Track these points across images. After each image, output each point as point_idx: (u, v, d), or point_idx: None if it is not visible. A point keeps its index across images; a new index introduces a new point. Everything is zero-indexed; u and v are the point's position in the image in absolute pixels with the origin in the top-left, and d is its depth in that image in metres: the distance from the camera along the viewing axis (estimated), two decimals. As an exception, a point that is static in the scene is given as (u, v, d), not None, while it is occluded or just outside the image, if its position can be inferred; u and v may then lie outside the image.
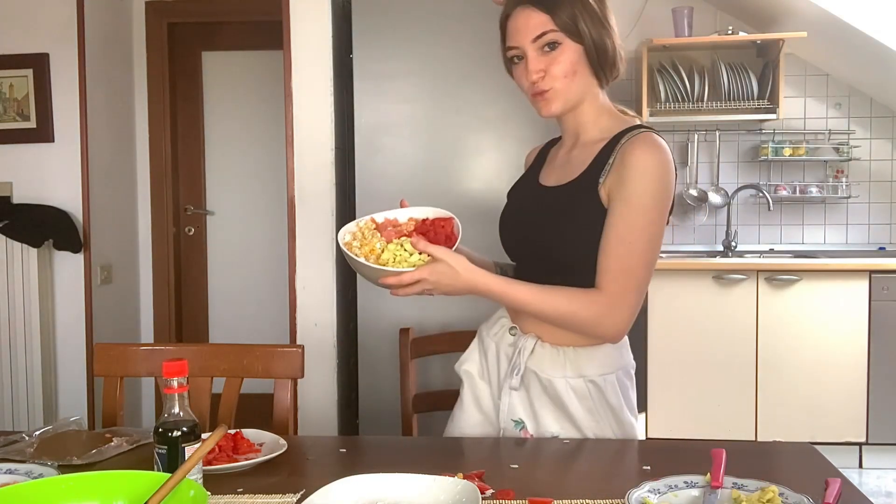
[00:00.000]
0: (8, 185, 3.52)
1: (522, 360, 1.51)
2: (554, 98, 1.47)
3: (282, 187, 3.15)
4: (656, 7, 4.09)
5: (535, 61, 1.44)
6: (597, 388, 1.49)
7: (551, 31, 1.43)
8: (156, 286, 4.18)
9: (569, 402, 1.49)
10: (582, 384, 1.49)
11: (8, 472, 1.26)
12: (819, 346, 3.57)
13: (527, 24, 1.44)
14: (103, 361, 1.75)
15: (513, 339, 1.56)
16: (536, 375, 1.51)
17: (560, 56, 1.44)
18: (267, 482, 1.27)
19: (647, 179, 1.40)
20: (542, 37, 1.43)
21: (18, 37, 3.49)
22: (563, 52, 1.44)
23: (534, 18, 1.44)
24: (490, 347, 1.60)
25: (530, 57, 1.45)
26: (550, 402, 1.51)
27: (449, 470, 1.23)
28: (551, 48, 1.44)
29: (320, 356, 2.91)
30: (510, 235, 1.61)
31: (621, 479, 1.20)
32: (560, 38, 1.43)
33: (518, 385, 1.52)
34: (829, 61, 4.05)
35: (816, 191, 4.10)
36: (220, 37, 4.35)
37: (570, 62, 1.45)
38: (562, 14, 1.43)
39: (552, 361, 1.50)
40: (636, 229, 1.39)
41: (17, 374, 3.43)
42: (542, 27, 1.43)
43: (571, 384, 1.49)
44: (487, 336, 1.62)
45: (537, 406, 1.51)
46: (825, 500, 1.09)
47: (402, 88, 2.89)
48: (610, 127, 1.51)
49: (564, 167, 1.54)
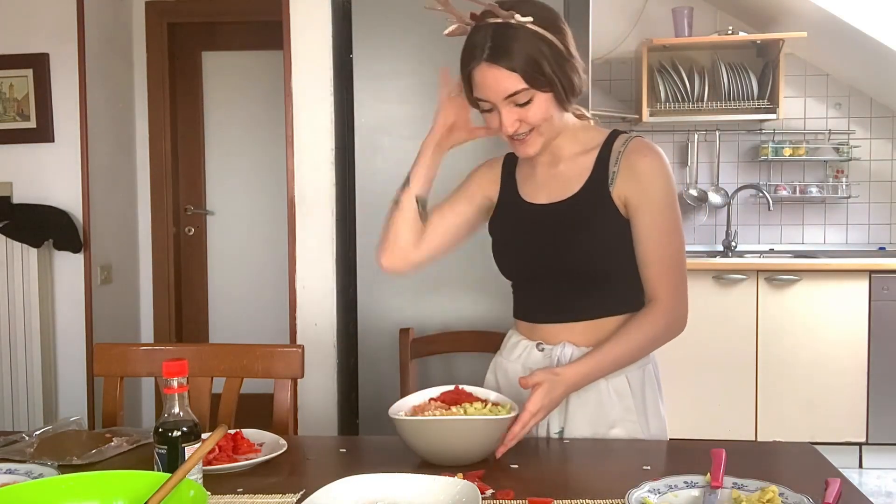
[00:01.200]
0: (8, 185, 3.52)
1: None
2: (532, 142, 1.47)
3: (282, 187, 3.15)
4: (656, 7, 4.09)
5: (510, 114, 1.43)
6: (637, 383, 1.53)
7: (523, 90, 1.39)
8: (156, 286, 4.18)
9: (609, 403, 1.51)
10: (623, 381, 1.52)
11: (8, 472, 1.26)
12: (819, 346, 3.57)
13: (496, 84, 1.40)
14: (103, 361, 1.75)
15: (541, 354, 1.54)
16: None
17: (532, 107, 1.42)
18: (267, 482, 1.27)
19: (664, 181, 1.46)
20: (514, 95, 1.41)
21: (18, 37, 3.49)
22: (537, 102, 1.42)
23: (503, 79, 1.39)
24: (511, 371, 1.58)
25: (504, 112, 1.43)
26: (586, 406, 1.51)
27: (449, 470, 1.23)
28: (524, 104, 1.42)
29: (320, 356, 2.91)
30: (517, 259, 1.58)
31: (621, 479, 1.20)
32: (531, 93, 1.41)
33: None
34: (829, 61, 4.05)
35: (816, 191, 4.10)
36: (220, 37, 4.35)
37: (543, 109, 1.43)
38: (528, 70, 1.38)
39: None
40: (670, 230, 1.47)
41: (17, 374, 3.43)
42: (514, 87, 1.39)
43: (613, 384, 1.51)
44: (507, 361, 1.60)
45: (571, 411, 1.51)
46: (825, 500, 1.09)
47: (402, 88, 2.89)
48: (589, 137, 1.54)
49: (552, 183, 1.54)
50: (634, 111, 4.09)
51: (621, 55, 4.17)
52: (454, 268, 2.79)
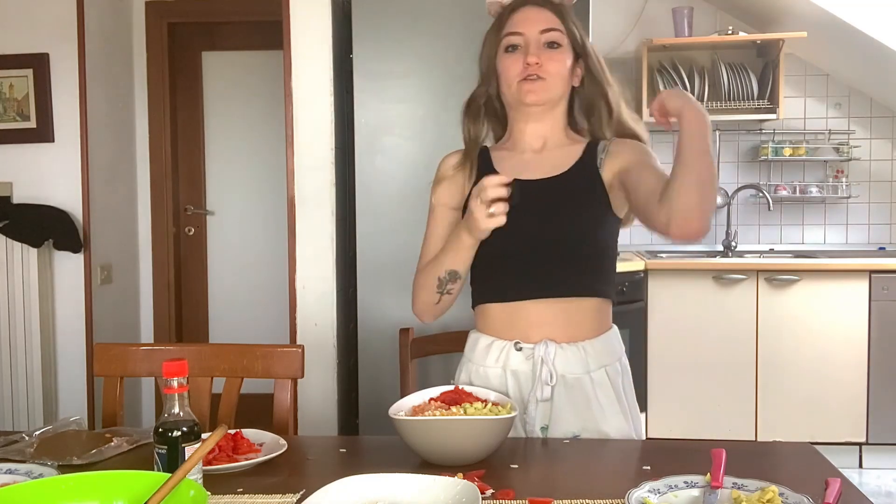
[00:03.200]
0: (8, 185, 3.52)
1: (551, 367, 1.50)
2: (542, 89, 1.54)
3: (282, 187, 3.15)
4: (656, 7, 4.09)
5: (537, 49, 1.53)
6: (616, 374, 1.56)
7: (559, 30, 1.54)
8: (156, 286, 4.18)
9: (593, 396, 1.52)
10: (603, 374, 1.54)
11: (8, 472, 1.26)
12: (819, 346, 3.57)
13: (538, 17, 1.54)
14: (103, 361, 1.75)
15: (520, 353, 1.54)
16: (562, 379, 1.51)
17: (559, 55, 1.54)
18: (267, 482, 1.27)
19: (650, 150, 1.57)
20: (550, 32, 1.53)
21: (18, 37, 3.48)
22: (563, 52, 1.54)
23: (545, 14, 1.55)
24: (492, 377, 1.55)
25: (533, 45, 1.53)
26: (572, 401, 1.52)
27: (449, 470, 1.23)
28: (553, 47, 1.53)
29: (320, 356, 2.91)
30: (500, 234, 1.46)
31: (621, 479, 1.20)
32: (563, 40, 1.54)
33: (550, 394, 1.50)
34: (829, 61, 4.05)
35: (816, 191, 4.10)
36: (220, 37, 4.35)
37: (565, 65, 1.55)
38: (568, 23, 1.55)
39: (577, 359, 1.52)
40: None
41: (17, 374, 3.43)
42: (553, 24, 1.55)
43: (594, 377, 1.53)
44: (486, 367, 1.56)
45: (557, 407, 1.52)
46: (825, 500, 1.09)
47: (402, 88, 2.89)
48: (577, 136, 1.63)
49: (538, 165, 1.57)
50: (634, 111, 4.08)
51: (621, 55, 4.17)
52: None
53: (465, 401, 1.40)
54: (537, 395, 1.51)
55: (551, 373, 1.50)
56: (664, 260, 3.78)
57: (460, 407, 1.38)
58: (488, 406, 1.38)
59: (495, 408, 1.38)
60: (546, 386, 1.51)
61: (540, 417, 1.53)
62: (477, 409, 1.37)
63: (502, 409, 1.37)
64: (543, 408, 1.52)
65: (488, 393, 1.45)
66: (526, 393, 1.53)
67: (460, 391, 1.45)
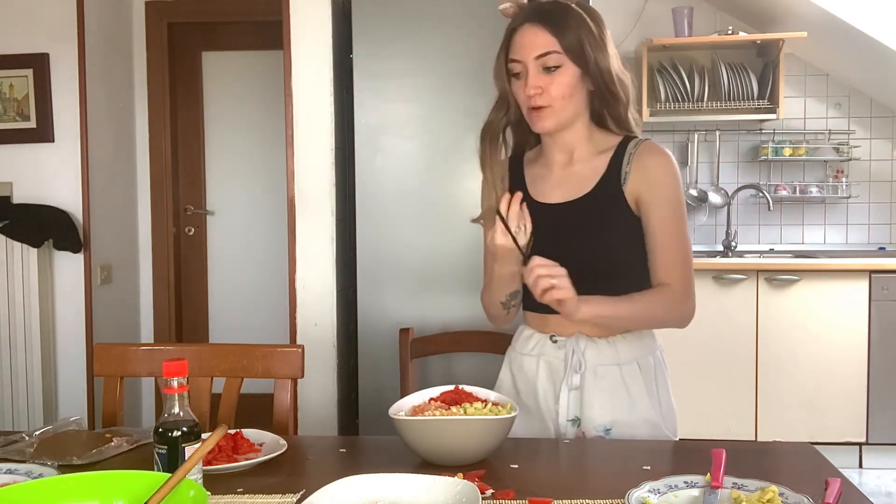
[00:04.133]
0: (8, 185, 3.52)
1: (581, 357, 1.54)
2: (549, 116, 1.53)
3: (282, 187, 3.15)
4: (656, 7, 4.09)
5: (536, 78, 1.50)
6: (648, 367, 1.58)
7: (555, 52, 1.49)
8: (156, 286, 4.18)
9: (623, 387, 1.55)
10: (635, 367, 1.57)
11: (8, 472, 1.26)
12: (819, 346, 3.57)
13: (533, 42, 1.49)
14: (103, 361, 1.75)
15: (555, 345, 1.58)
16: (593, 370, 1.55)
17: (559, 77, 1.50)
18: (267, 482, 1.27)
19: (674, 181, 1.54)
20: (546, 56, 1.49)
21: (18, 37, 3.48)
22: (564, 73, 1.50)
23: (540, 37, 1.49)
24: (526, 365, 1.62)
25: (531, 73, 1.50)
26: (602, 394, 1.54)
27: (449, 470, 1.23)
28: (552, 71, 1.50)
29: (320, 356, 2.91)
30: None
31: (621, 479, 1.20)
32: (562, 60, 1.49)
33: (579, 383, 1.54)
34: (829, 61, 4.05)
35: (816, 191, 4.10)
36: (220, 37, 4.35)
37: (568, 85, 1.51)
38: (568, 36, 1.49)
39: (609, 352, 1.55)
40: (681, 224, 1.55)
41: (17, 374, 3.43)
42: (548, 47, 1.49)
43: (624, 370, 1.56)
44: (522, 355, 1.64)
45: (587, 400, 1.54)
46: (825, 500, 1.09)
47: (402, 88, 2.89)
48: (601, 140, 1.60)
49: (566, 182, 1.59)
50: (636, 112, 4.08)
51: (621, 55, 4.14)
52: (454, 268, 2.80)
53: (465, 401, 1.41)
54: (568, 383, 1.54)
55: (580, 361, 1.54)
56: (664, 260, 3.77)
57: (460, 407, 1.38)
58: (488, 406, 1.38)
59: (495, 408, 1.38)
60: (575, 374, 1.54)
61: (571, 409, 1.55)
62: (477, 409, 1.37)
63: (502, 409, 1.38)
64: (574, 398, 1.54)
65: (488, 393, 1.46)
66: (557, 384, 1.56)
67: (460, 391, 1.45)
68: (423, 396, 1.46)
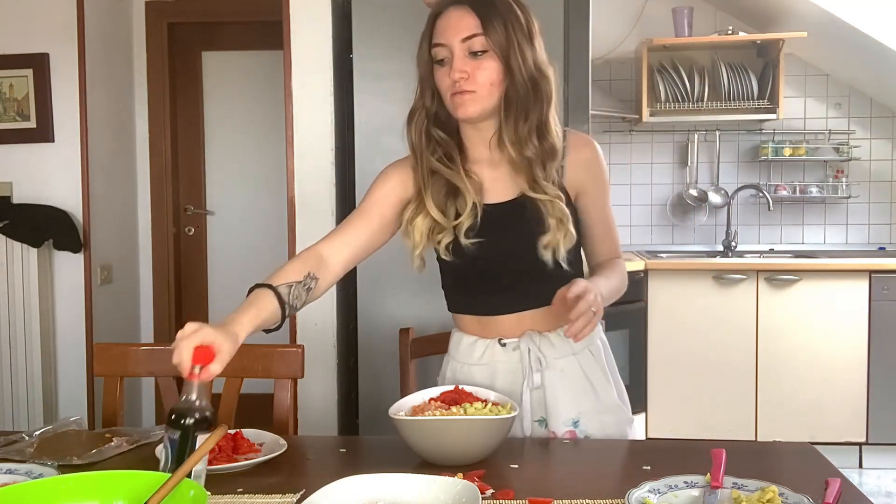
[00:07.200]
0: (8, 185, 3.51)
1: (539, 354, 1.52)
2: (473, 102, 1.45)
3: (282, 187, 3.15)
4: (656, 7, 4.09)
5: (461, 62, 1.43)
6: (598, 351, 1.59)
7: (481, 34, 1.42)
8: (156, 286, 4.18)
9: (584, 376, 1.55)
10: (588, 354, 1.57)
11: (8, 472, 1.26)
12: (819, 346, 3.57)
13: (458, 24, 1.43)
14: (103, 361, 1.75)
15: (505, 349, 1.55)
16: (552, 365, 1.53)
17: (485, 63, 1.44)
18: (267, 482, 1.27)
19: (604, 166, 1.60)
20: (472, 39, 1.42)
21: (18, 37, 3.48)
22: (489, 59, 1.44)
23: (466, 20, 1.43)
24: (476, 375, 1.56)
25: (457, 56, 1.43)
26: (565, 385, 1.53)
27: (449, 470, 1.23)
28: (478, 55, 1.43)
29: (320, 356, 2.91)
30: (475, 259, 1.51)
31: (621, 479, 1.20)
32: (488, 45, 1.42)
33: (540, 381, 1.52)
34: (829, 61, 4.05)
35: (816, 191, 4.10)
36: (220, 37, 4.35)
37: (494, 71, 1.44)
38: (494, 23, 1.42)
39: (561, 344, 1.54)
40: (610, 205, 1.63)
41: (17, 374, 3.43)
42: (474, 29, 1.42)
43: (581, 360, 1.56)
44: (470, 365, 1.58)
45: (552, 396, 1.52)
46: (825, 500, 1.09)
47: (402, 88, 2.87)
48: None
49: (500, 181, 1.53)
50: (634, 111, 4.09)
51: (621, 55, 4.17)
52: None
53: (465, 401, 1.41)
54: (529, 383, 1.52)
55: (540, 358, 1.52)
56: (664, 260, 3.78)
57: (460, 407, 1.38)
58: (488, 406, 1.38)
59: (495, 408, 1.38)
60: (536, 372, 1.52)
61: (535, 410, 1.53)
62: (477, 409, 1.37)
63: (502, 409, 1.38)
64: (537, 398, 1.53)
65: (488, 393, 1.46)
66: (517, 386, 1.53)
67: (460, 391, 1.45)
68: (423, 396, 1.46)
